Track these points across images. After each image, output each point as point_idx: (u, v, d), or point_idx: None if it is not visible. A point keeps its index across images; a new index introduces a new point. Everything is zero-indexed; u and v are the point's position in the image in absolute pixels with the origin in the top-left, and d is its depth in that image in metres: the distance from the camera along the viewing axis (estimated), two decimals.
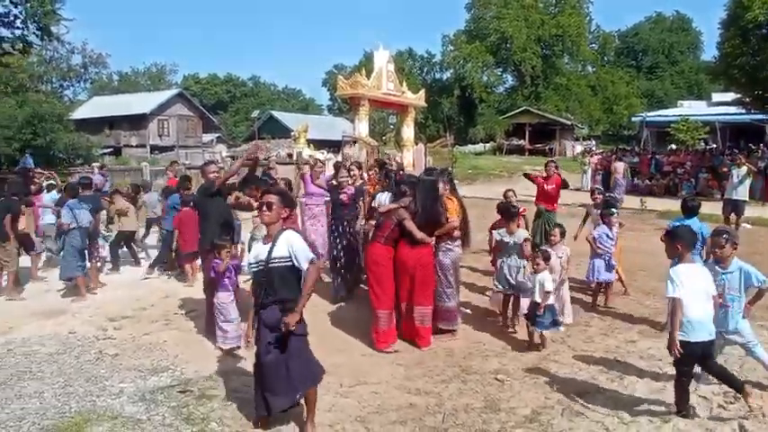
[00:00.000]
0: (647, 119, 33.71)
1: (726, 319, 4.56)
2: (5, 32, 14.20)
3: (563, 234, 6.74)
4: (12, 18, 14.00)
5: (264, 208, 4.09)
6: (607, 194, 9.40)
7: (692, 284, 4.08)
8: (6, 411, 4.47)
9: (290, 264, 3.99)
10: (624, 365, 5.38)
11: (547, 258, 5.99)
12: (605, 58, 61.93)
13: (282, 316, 3.91)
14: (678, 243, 4.28)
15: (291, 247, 3.98)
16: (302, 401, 4.18)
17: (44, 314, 7.16)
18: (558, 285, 6.22)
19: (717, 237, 4.61)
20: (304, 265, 3.96)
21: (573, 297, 7.09)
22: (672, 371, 5.11)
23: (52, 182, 11.11)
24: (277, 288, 3.98)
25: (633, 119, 41.15)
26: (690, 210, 6.42)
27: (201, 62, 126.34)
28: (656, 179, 21.52)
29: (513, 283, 6.29)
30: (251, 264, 4.13)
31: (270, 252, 3.98)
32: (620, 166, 18.76)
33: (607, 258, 7.14)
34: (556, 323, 5.81)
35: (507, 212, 6.63)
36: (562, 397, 4.72)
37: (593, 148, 33.35)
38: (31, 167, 22.18)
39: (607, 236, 7.20)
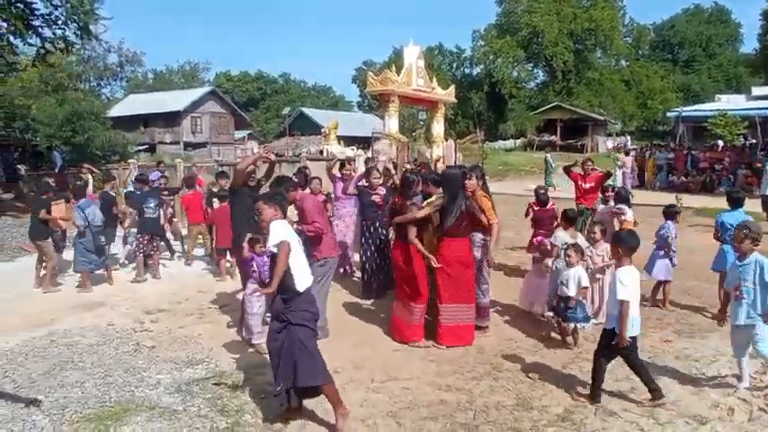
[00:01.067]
0: (683, 114, 32.80)
1: (740, 310, 4.59)
2: (48, 33, 14.60)
3: (603, 232, 6.66)
4: (54, 18, 14.40)
5: (257, 217, 4.35)
6: (619, 187, 9.23)
7: (634, 286, 4.39)
8: (50, 399, 4.63)
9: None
10: (659, 366, 5.28)
11: (579, 251, 5.91)
12: (640, 52, 60.55)
13: (284, 305, 4.10)
14: (619, 247, 4.51)
15: (271, 233, 4.12)
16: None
17: (84, 306, 7.40)
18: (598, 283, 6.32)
19: (738, 230, 4.69)
20: (272, 249, 4.10)
21: None
22: (710, 372, 5.05)
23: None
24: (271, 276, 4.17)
25: (668, 114, 40.04)
26: (735, 201, 6.71)
27: (233, 60, 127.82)
28: (691, 176, 21.01)
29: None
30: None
31: (266, 242, 4.25)
32: (627, 160, 19.92)
33: (673, 257, 7.05)
34: (587, 318, 5.75)
35: (565, 216, 6.66)
36: None
37: (628, 144, 32.70)
38: (63, 164, 22.93)
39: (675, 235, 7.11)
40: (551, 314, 5.96)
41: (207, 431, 4.17)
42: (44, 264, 8.55)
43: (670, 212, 7.21)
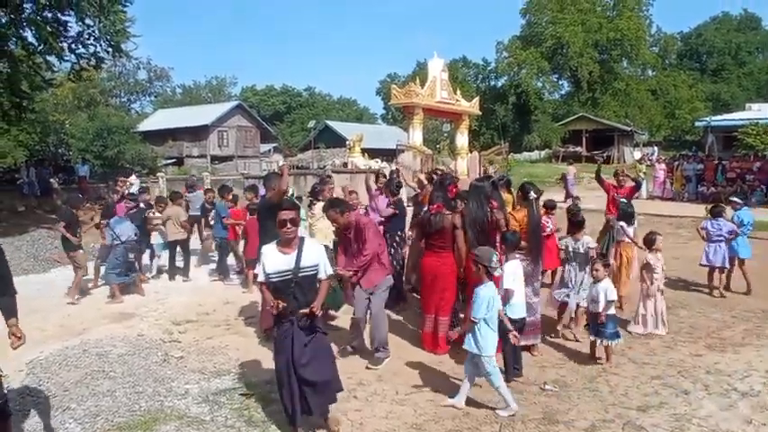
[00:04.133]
0: (713, 123, 32.21)
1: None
2: (81, 50, 15.05)
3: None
4: (86, 37, 14.85)
5: (290, 225, 4.11)
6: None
7: (517, 276, 5.21)
8: (83, 408, 4.74)
9: (316, 272, 4.18)
10: (690, 380, 5.19)
11: (607, 265, 5.88)
12: (666, 62, 59.78)
13: (313, 319, 4.11)
14: (505, 245, 5.42)
15: (321, 257, 4.21)
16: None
17: (114, 317, 7.56)
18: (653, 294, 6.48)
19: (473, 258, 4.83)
20: (323, 276, 4.22)
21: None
22: (743, 387, 4.95)
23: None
24: (307, 294, 4.09)
25: (697, 123, 39.44)
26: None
27: (259, 74, 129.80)
28: (721, 186, 20.59)
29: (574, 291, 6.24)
30: (270, 274, 4.11)
31: (297, 261, 4.08)
32: (571, 170, 22.11)
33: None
34: (617, 334, 5.65)
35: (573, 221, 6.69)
36: (623, 410, 4.60)
37: (656, 155, 32.24)
38: (85, 176, 23.50)
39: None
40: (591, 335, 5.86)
41: None
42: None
43: (717, 211, 8.45)
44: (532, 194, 6.10)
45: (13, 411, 4.51)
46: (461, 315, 5.88)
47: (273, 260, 4.12)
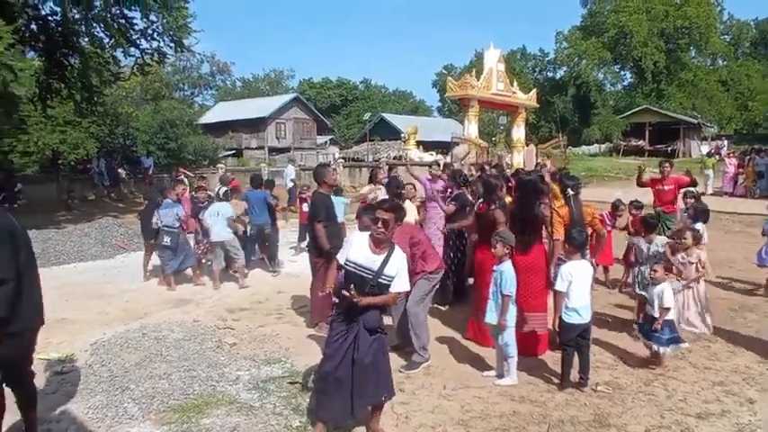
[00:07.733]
0: None
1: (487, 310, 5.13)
2: (145, 45, 15.68)
3: (696, 239, 6.32)
4: (151, 32, 15.43)
5: (381, 225, 3.92)
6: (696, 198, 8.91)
7: (578, 279, 4.87)
8: (141, 389, 4.94)
9: (390, 283, 3.99)
10: (755, 388, 4.91)
11: (668, 268, 5.64)
12: (739, 51, 56.65)
13: (380, 319, 4.05)
14: (569, 244, 5.17)
15: (400, 271, 3.99)
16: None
17: (173, 303, 7.86)
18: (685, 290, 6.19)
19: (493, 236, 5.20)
20: (394, 290, 4.02)
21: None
22: None
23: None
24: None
25: None
26: None
27: (316, 67, 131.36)
28: None
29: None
30: (350, 262, 4.00)
31: (382, 267, 3.94)
32: (548, 163, 21.97)
33: None
34: (676, 340, 5.34)
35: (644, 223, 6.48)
36: (681, 417, 4.40)
37: (724, 149, 30.68)
38: (150, 167, 24.45)
39: None
40: (638, 333, 5.67)
41: (281, 428, 4.30)
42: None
43: None
44: (570, 191, 5.94)
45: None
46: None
47: (360, 251, 3.99)
